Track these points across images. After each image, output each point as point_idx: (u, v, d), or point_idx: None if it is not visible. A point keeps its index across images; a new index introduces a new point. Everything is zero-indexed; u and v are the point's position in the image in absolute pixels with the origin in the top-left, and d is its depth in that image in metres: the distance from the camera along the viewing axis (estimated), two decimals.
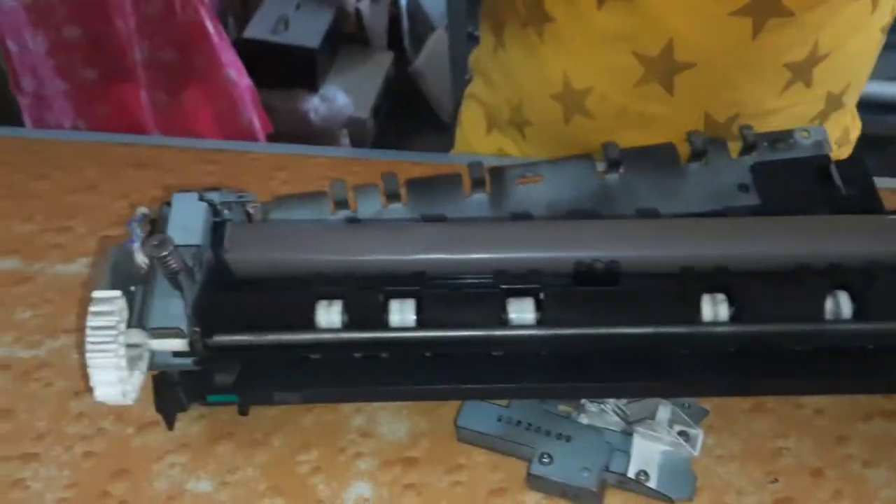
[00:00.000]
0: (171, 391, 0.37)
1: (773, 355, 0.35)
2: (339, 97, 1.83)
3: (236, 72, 1.46)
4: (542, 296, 0.34)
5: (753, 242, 0.37)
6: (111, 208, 0.53)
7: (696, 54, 0.53)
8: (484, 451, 0.39)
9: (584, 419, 0.39)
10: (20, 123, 1.41)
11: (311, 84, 1.86)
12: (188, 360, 0.36)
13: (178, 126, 1.43)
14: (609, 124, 0.58)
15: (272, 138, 1.51)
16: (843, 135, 0.65)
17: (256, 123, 1.51)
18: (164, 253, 0.32)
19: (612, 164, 0.47)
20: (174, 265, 0.32)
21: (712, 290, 0.34)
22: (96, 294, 0.32)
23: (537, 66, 0.60)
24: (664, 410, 0.38)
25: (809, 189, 0.46)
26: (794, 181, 0.47)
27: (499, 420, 0.38)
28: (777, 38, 0.51)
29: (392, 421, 0.40)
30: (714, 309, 0.34)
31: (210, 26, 1.42)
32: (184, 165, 0.56)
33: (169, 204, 0.37)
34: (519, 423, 0.38)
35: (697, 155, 0.47)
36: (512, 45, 0.62)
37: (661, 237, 0.37)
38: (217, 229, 0.37)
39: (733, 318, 0.34)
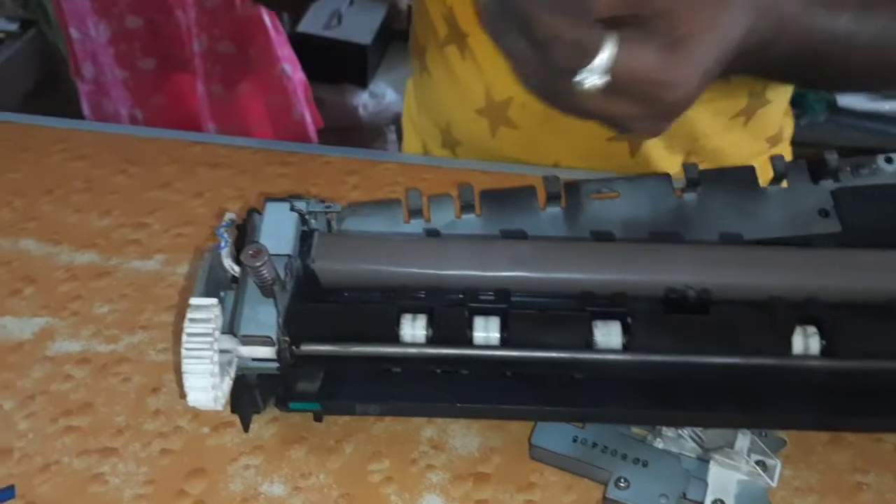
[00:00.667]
0: (248, 393, 0.38)
1: (859, 392, 0.34)
2: (388, 93, 1.84)
3: (291, 66, 1.48)
4: (629, 320, 0.34)
5: (845, 275, 0.37)
6: (186, 206, 0.53)
7: None
8: (556, 470, 0.39)
9: (659, 444, 0.38)
10: (79, 109, 1.44)
11: (361, 80, 1.87)
12: (267, 364, 0.36)
13: (232, 118, 1.45)
14: (535, 133, 0.60)
15: (321, 132, 1.53)
16: (777, 133, 0.65)
17: (308, 118, 1.53)
18: (259, 263, 0.32)
19: (691, 184, 0.46)
20: (267, 275, 0.33)
21: (803, 322, 0.34)
22: (194, 301, 0.32)
23: (460, 84, 0.61)
24: (743, 439, 0.37)
25: (892, 217, 0.45)
26: (875, 208, 0.46)
27: (574, 441, 0.38)
28: None
29: (463, 434, 0.40)
30: (805, 342, 0.34)
31: (267, 21, 1.44)
32: (257, 167, 0.56)
33: (258, 211, 0.38)
34: (594, 444, 0.38)
35: (777, 178, 0.47)
36: (434, 68, 0.64)
37: (753, 266, 0.37)
38: (305, 239, 0.37)
39: (824, 352, 0.34)
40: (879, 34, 0.42)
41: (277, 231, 0.36)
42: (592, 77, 0.33)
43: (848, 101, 1.22)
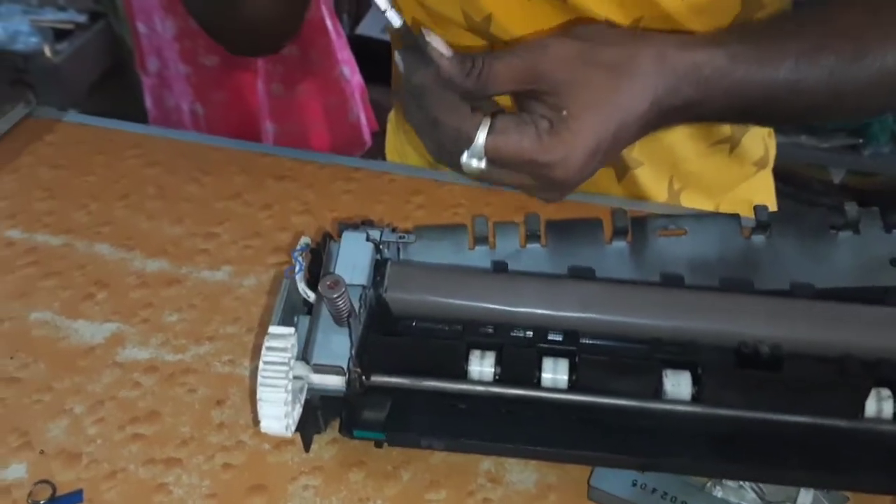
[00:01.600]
0: (312, 414, 0.39)
1: None
2: None
3: (349, 69, 1.49)
4: (700, 371, 0.34)
5: None
6: (255, 218, 0.54)
7: None
8: None
9: (719, 492, 0.38)
10: (142, 101, 1.47)
11: None
12: (337, 388, 0.37)
13: (290, 117, 1.47)
14: None
15: (376, 134, 1.54)
16: (763, 155, 0.65)
17: (363, 121, 1.54)
18: (336, 294, 0.33)
19: (761, 227, 0.46)
20: (343, 306, 0.33)
21: (877, 383, 0.33)
22: (273, 330, 0.33)
23: None
24: (805, 495, 0.37)
25: None
26: None
27: (633, 484, 0.38)
28: None
29: (521, 469, 0.40)
30: (879, 405, 0.33)
31: (329, 24, 1.46)
32: (323, 182, 0.57)
33: (332, 237, 0.38)
34: (654, 490, 0.37)
35: (849, 224, 0.46)
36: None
37: (826, 322, 0.36)
38: (378, 268, 0.38)
39: None
40: (826, 78, 0.42)
41: (353, 260, 0.36)
42: (472, 159, 0.37)
43: None
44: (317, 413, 0.39)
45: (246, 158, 0.59)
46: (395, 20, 0.40)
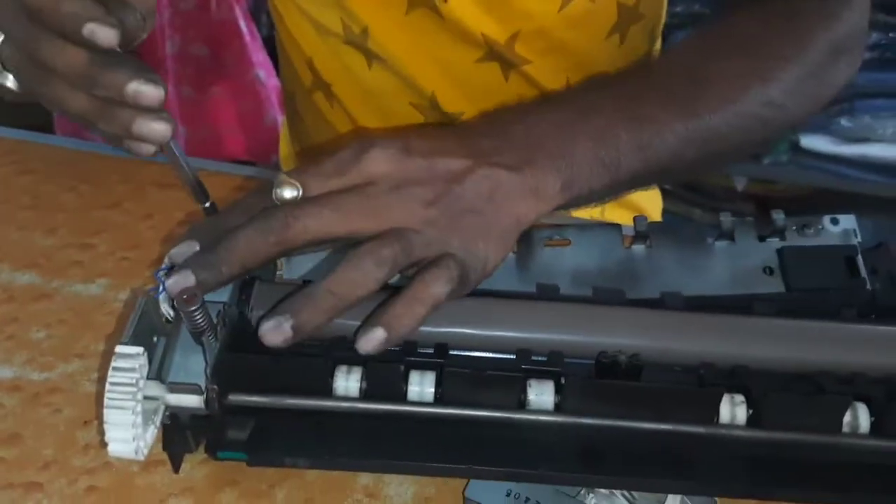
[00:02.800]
0: (180, 434, 0.37)
1: (787, 462, 0.35)
2: None
3: (265, 72, 1.47)
4: (562, 381, 0.34)
5: (775, 345, 0.37)
6: (134, 228, 0.53)
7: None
8: None
9: (591, 500, 0.38)
10: (46, 110, 1.41)
11: None
12: (202, 408, 0.36)
13: (203, 122, 1.44)
14: None
15: None
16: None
17: (280, 124, 1.51)
18: (193, 308, 0.31)
19: (640, 237, 0.47)
20: (201, 321, 0.32)
21: (731, 390, 0.34)
22: (119, 349, 0.31)
23: (331, 129, 0.63)
24: (672, 500, 0.38)
25: (835, 279, 0.46)
26: (819, 269, 0.46)
27: (507, 495, 0.38)
28: None
29: (398, 483, 0.40)
30: (732, 411, 0.34)
31: (243, 25, 1.43)
32: (211, 191, 0.55)
33: None
34: (527, 500, 0.37)
35: (724, 234, 0.47)
36: (305, 113, 0.66)
37: (683, 332, 0.37)
38: (245, 288, 0.37)
39: (750, 422, 0.34)
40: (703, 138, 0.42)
41: None
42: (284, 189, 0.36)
43: (811, 142, 1.25)
44: (186, 433, 0.38)
45: (129, 166, 0.57)
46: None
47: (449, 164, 0.37)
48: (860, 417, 0.35)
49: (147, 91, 0.33)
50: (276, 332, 0.33)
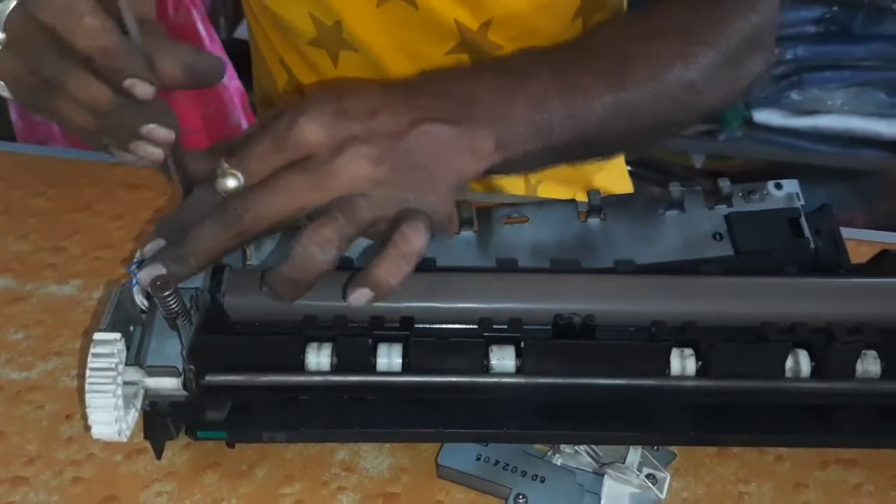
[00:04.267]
0: (161, 421, 0.39)
1: (736, 408, 0.37)
2: None
3: (227, 75, 1.47)
4: (522, 344, 0.36)
5: (720, 301, 0.39)
6: (105, 229, 0.54)
7: None
8: (463, 488, 0.40)
9: (558, 460, 0.40)
10: (6, 117, 1.40)
11: None
12: (179, 392, 0.37)
13: None
14: None
15: None
16: None
17: (245, 126, 1.52)
18: (167, 293, 0.33)
19: (594, 210, 0.49)
20: (174, 306, 0.34)
21: (681, 345, 0.36)
22: (97, 336, 0.33)
23: None
24: (634, 454, 0.40)
25: (780, 240, 0.49)
26: (765, 232, 0.49)
27: (477, 459, 0.40)
28: None
29: (375, 456, 0.42)
30: (682, 363, 0.36)
31: (202, 29, 1.43)
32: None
33: None
34: (497, 462, 0.40)
35: (675, 204, 0.50)
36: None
37: (635, 294, 0.39)
38: (216, 274, 0.38)
39: (699, 373, 0.36)
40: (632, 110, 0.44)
41: None
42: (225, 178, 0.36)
43: (764, 116, 1.29)
44: (166, 419, 0.39)
45: (96, 169, 0.58)
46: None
47: (389, 121, 0.37)
48: (801, 363, 0.37)
49: (160, 134, 0.35)
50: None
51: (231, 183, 0.36)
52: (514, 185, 0.64)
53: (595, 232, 0.49)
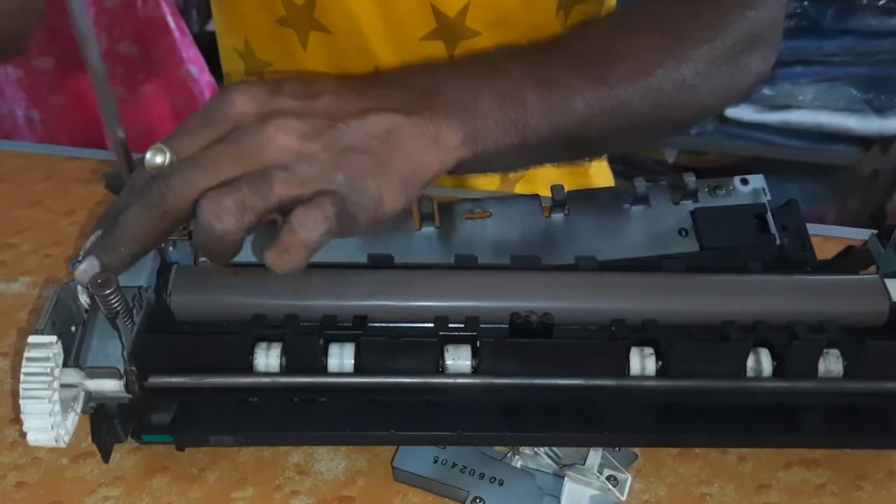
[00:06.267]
0: (108, 424, 0.37)
1: (696, 409, 0.36)
2: None
3: (197, 68, 1.45)
4: (478, 344, 0.35)
5: (682, 299, 0.39)
6: (57, 225, 0.52)
7: None
8: (420, 491, 0.39)
9: (517, 461, 0.40)
10: None
11: None
12: (123, 395, 0.36)
13: (135, 119, 1.41)
14: None
15: None
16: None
17: None
18: (108, 291, 0.32)
19: (558, 205, 0.48)
20: (115, 304, 0.32)
21: (640, 344, 0.36)
22: (32, 339, 0.31)
23: None
24: (594, 455, 0.39)
25: (746, 236, 0.48)
26: (731, 227, 0.48)
27: (434, 462, 0.39)
28: None
29: (329, 458, 0.40)
30: (642, 362, 0.35)
31: (171, 22, 1.41)
32: None
33: None
34: (454, 465, 0.39)
35: (640, 199, 0.49)
36: None
37: (595, 291, 0.38)
38: (163, 272, 0.37)
39: (659, 373, 0.35)
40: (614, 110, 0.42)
41: None
42: (154, 155, 0.34)
43: (735, 112, 1.29)
44: (113, 422, 0.38)
45: (49, 163, 0.56)
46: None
47: (332, 103, 0.35)
48: (762, 362, 0.36)
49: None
50: None
51: (158, 159, 0.33)
52: (489, 183, 0.63)
53: (559, 228, 0.48)
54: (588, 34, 0.46)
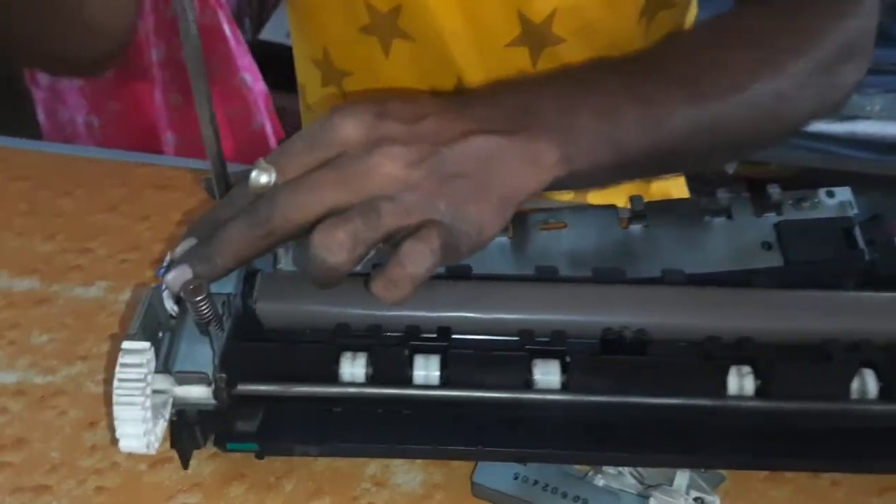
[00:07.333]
0: (188, 430, 0.37)
1: (796, 431, 0.35)
2: None
3: (251, 76, 1.47)
4: (568, 359, 0.34)
5: (779, 316, 0.37)
6: (132, 231, 0.52)
7: None
8: None
9: (600, 480, 0.38)
10: (34, 117, 1.41)
11: None
12: (208, 401, 0.36)
13: (191, 127, 1.43)
14: None
15: (282, 142, 1.51)
16: None
17: (269, 129, 1.51)
18: (199, 298, 0.31)
19: (637, 216, 0.47)
20: (206, 311, 0.32)
21: (738, 362, 0.34)
22: (126, 345, 0.31)
23: None
24: (682, 476, 0.38)
25: (833, 251, 0.46)
26: (817, 242, 0.47)
27: (515, 478, 0.38)
28: None
29: (406, 471, 0.40)
30: (740, 382, 0.34)
31: (227, 30, 1.43)
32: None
33: None
34: (536, 482, 0.38)
35: (721, 210, 0.48)
36: (317, 107, 0.65)
37: (689, 306, 0.37)
38: (249, 279, 0.36)
39: (758, 393, 0.34)
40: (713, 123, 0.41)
41: None
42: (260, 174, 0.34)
43: None
44: (194, 428, 0.38)
45: (123, 169, 0.57)
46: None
47: (436, 126, 0.35)
48: (868, 383, 0.35)
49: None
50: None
51: (262, 178, 0.34)
52: (562, 192, 0.62)
53: (637, 239, 0.47)
54: (679, 47, 0.44)
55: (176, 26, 1.33)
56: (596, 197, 0.64)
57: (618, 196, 0.64)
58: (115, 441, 0.40)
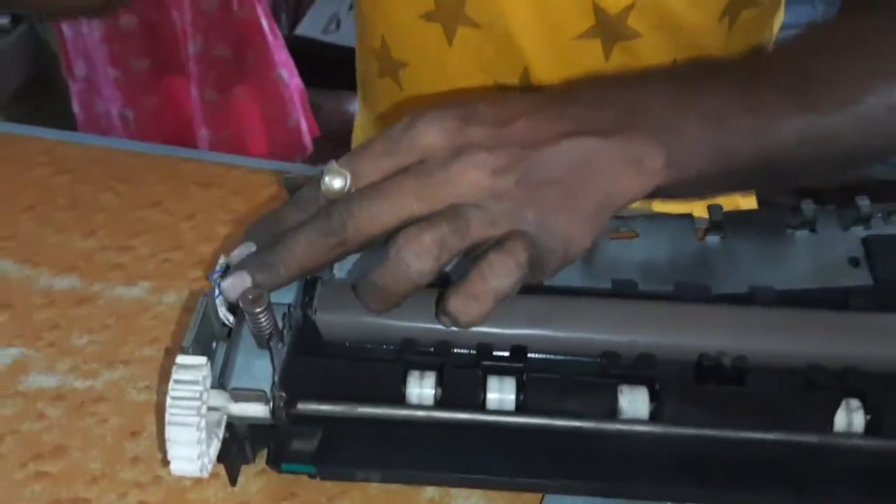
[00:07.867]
0: (237, 444, 0.35)
1: None
2: None
3: (287, 72, 1.45)
4: (657, 386, 0.31)
5: (887, 341, 0.34)
6: (176, 229, 0.50)
7: None
8: None
9: None
10: (70, 107, 1.40)
11: None
12: (268, 419, 0.33)
13: (226, 123, 1.42)
14: None
15: (317, 140, 1.50)
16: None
17: (304, 126, 1.50)
18: (259, 309, 0.29)
19: (715, 226, 0.44)
20: (266, 324, 0.30)
21: (847, 395, 0.31)
22: (180, 360, 0.29)
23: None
24: None
25: None
26: None
27: None
28: None
29: (465, 497, 0.37)
30: (849, 417, 0.31)
31: (265, 25, 1.41)
32: (252, 189, 0.53)
33: None
34: None
35: (806, 223, 0.44)
36: (375, 98, 0.63)
37: (791, 330, 0.34)
38: (308, 289, 0.34)
39: (869, 429, 0.31)
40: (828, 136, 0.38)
41: None
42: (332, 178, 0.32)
43: None
44: (243, 443, 0.35)
45: (167, 164, 0.55)
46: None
47: (527, 130, 0.32)
48: None
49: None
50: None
51: (337, 182, 0.31)
52: None
53: (715, 252, 0.44)
54: (788, 55, 0.41)
55: (212, 20, 1.32)
56: (661, 205, 0.61)
57: (687, 205, 0.61)
58: (160, 456, 0.38)
